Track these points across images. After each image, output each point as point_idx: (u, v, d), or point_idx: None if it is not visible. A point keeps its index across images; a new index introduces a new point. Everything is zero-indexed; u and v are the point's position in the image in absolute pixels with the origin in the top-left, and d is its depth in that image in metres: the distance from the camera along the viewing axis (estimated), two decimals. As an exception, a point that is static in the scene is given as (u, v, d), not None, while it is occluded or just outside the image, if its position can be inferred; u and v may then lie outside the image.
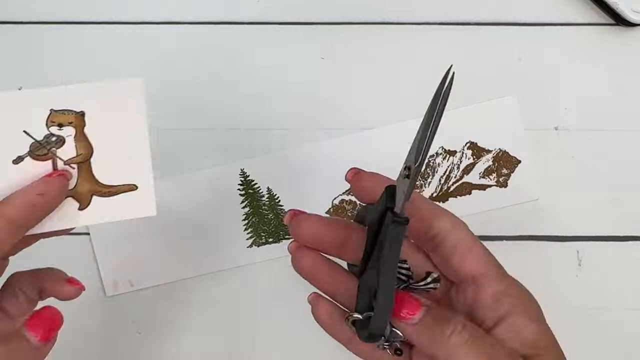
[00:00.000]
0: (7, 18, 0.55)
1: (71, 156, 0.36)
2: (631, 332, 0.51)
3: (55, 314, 0.36)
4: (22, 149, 0.35)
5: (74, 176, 0.36)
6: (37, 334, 0.34)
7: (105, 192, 0.36)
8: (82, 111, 0.36)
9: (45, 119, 0.35)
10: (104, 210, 0.37)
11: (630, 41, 0.54)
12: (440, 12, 0.54)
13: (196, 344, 0.52)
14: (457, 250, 0.35)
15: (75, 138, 0.36)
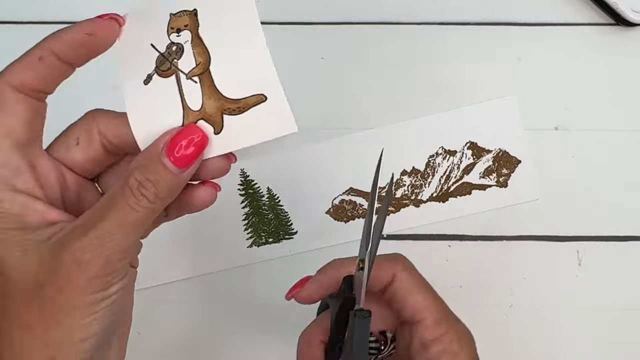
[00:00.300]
0: (7, 18, 0.55)
1: (191, 67, 0.31)
2: (631, 332, 0.51)
3: (195, 131, 0.31)
4: (149, 65, 0.32)
5: (198, 94, 0.32)
6: (176, 160, 0.30)
7: (234, 108, 0.32)
8: (195, 9, 0.31)
9: (167, 26, 0.31)
10: (242, 132, 0.32)
11: (630, 41, 0.54)
12: (440, 12, 0.54)
13: (196, 344, 0.52)
14: (398, 294, 0.36)
15: (192, 43, 0.31)
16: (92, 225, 0.29)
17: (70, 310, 0.29)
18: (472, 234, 0.52)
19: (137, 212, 0.30)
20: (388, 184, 0.31)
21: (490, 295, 0.52)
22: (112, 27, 0.32)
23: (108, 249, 0.29)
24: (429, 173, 0.53)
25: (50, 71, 0.32)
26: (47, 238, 0.30)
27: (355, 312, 0.33)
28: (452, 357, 0.35)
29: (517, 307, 0.52)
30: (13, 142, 0.31)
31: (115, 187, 0.30)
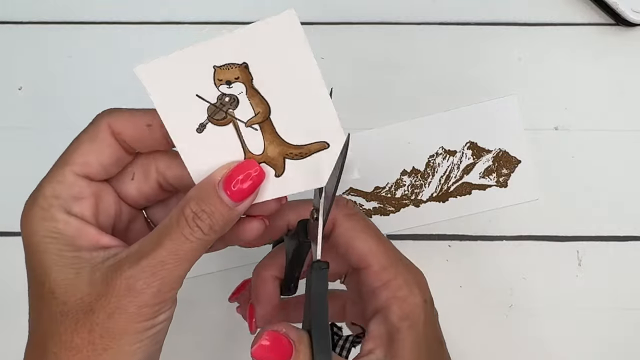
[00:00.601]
0: (7, 18, 0.55)
1: (250, 116, 0.32)
2: (631, 332, 0.51)
3: (252, 166, 0.32)
4: (200, 115, 0.32)
5: (260, 140, 0.32)
6: (232, 194, 0.31)
7: (297, 153, 0.33)
8: (245, 62, 0.31)
9: (212, 78, 0.31)
10: (302, 176, 0.33)
11: (630, 41, 0.54)
12: (440, 12, 0.54)
13: (196, 344, 0.52)
14: (341, 240, 0.36)
15: (247, 95, 0.32)
16: (146, 253, 0.30)
17: (118, 337, 0.29)
18: (472, 234, 0.52)
19: (191, 243, 0.30)
20: (343, 147, 0.31)
21: (490, 295, 0.52)
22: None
23: (160, 278, 0.30)
24: (429, 173, 0.53)
25: (152, 139, 0.33)
26: (101, 262, 0.30)
27: (313, 263, 0.33)
28: (401, 303, 0.34)
29: (517, 307, 0.52)
30: (85, 173, 0.32)
31: (170, 217, 0.31)
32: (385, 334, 0.34)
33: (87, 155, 0.31)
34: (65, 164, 0.31)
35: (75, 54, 0.55)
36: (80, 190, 0.31)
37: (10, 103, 0.55)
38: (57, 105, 0.54)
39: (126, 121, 0.32)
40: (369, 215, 0.52)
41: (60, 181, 0.31)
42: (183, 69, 0.31)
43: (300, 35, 0.31)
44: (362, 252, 0.35)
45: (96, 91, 0.54)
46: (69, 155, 0.32)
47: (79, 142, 0.32)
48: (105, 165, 0.32)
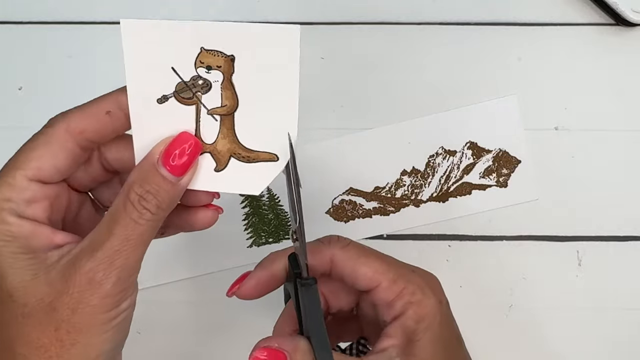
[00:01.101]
0: (7, 18, 0.55)
1: (216, 105, 0.32)
2: (631, 332, 0.51)
3: (187, 139, 0.32)
4: (167, 87, 0.32)
5: (215, 130, 0.32)
6: (172, 169, 0.31)
7: (245, 156, 0.33)
8: (233, 55, 0.31)
9: (195, 58, 0.31)
10: (239, 178, 0.33)
11: (630, 41, 0.54)
12: (441, 12, 0.54)
13: (196, 344, 0.52)
14: (345, 272, 0.36)
15: (222, 85, 0.32)
16: (100, 244, 0.30)
17: (85, 330, 0.30)
18: (472, 234, 0.52)
19: (141, 226, 0.30)
20: (289, 147, 0.32)
21: (490, 295, 0.52)
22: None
23: (118, 267, 0.30)
24: (429, 173, 0.53)
25: (113, 126, 0.32)
26: (56, 260, 0.30)
27: (301, 282, 0.33)
28: (417, 307, 0.35)
29: (517, 307, 0.52)
30: (38, 178, 0.31)
31: (117, 203, 0.31)
32: (401, 336, 0.34)
33: (41, 160, 0.31)
34: (16, 167, 0.31)
35: (75, 54, 0.55)
36: (33, 195, 0.31)
37: (10, 103, 0.55)
38: (57, 105, 0.54)
39: (85, 117, 0.32)
40: (369, 215, 0.52)
41: (12, 184, 0.30)
42: (170, 38, 0.31)
43: (296, 53, 0.31)
44: (368, 274, 0.36)
45: (96, 91, 0.54)
46: (22, 158, 0.31)
47: (33, 145, 0.31)
48: (60, 168, 0.32)
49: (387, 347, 0.34)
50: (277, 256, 0.37)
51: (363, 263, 0.36)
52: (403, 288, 0.35)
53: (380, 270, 0.35)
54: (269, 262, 0.38)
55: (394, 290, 0.35)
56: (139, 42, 0.31)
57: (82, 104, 0.32)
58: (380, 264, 0.36)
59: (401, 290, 0.35)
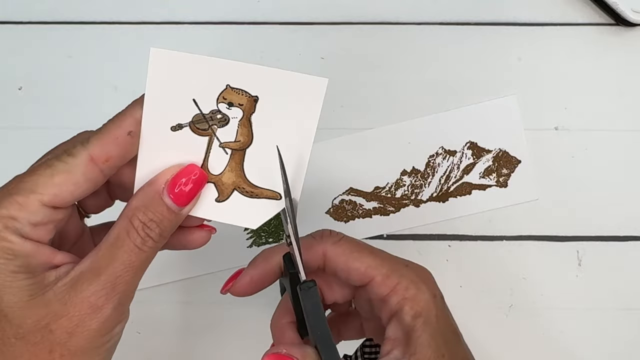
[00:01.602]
0: (7, 18, 0.55)
1: (229, 140, 0.33)
2: (631, 332, 0.51)
3: (193, 170, 0.32)
4: (184, 117, 0.32)
5: (223, 163, 0.33)
6: (176, 199, 0.31)
7: (248, 191, 0.34)
8: (257, 96, 0.32)
9: (218, 93, 0.32)
10: (240, 211, 0.34)
11: (630, 41, 0.54)
12: (440, 12, 0.54)
13: (196, 344, 0.52)
14: (338, 267, 0.36)
15: (239, 122, 0.32)
16: (103, 269, 0.30)
17: (79, 353, 0.30)
18: (472, 234, 0.52)
19: (144, 253, 0.31)
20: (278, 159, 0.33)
21: (490, 295, 0.52)
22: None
23: (119, 292, 0.30)
24: (429, 173, 0.53)
25: (134, 145, 0.32)
26: (53, 281, 0.30)
27: (300, 286, 0.33)
28: (411, 302, 0.35)
29: (517, 307, 0.52)
30: (54, 204, 0.31)
31: (119, 228, 0.31)
32: (401, 335, 0.34)
33: (61, 188, 0.30)
34: (32, 190, 0.30)
35: (75, 54, 0.55)
36: (42, 219, 0.30)
37: (10, 103, 0.55)
38: (57, 105, 0.54)
39: (108, 143, 0.31)
40: (369, 215, 0.52)
41: (22, 205, 0.30)
42: (197, 71, 0.31)
43: (319, 104, 0.32)
44: (361, 268, 0.35)
45: (96, 91, 0.54)
46: (41, 182, 0.30)
47: (54, 171, 0.30)
48: (79, 196, 0.31)
49: (390, 349, 0.34)
50: (271, 253, 0.37)
51: (356, 258, 0.36)
52: (397, 283, 0.35)
53: (373, 265, 0.35)
54: (263, 259, 0.38)
55: (387, 285, 0.35)
56: (165, 71, 0.32)
57: (99, 129, 0.32)
58: (373, 258, 0.36)
59: (395, 285, 0.35)
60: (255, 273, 0.37)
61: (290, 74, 0.32)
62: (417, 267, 0.37)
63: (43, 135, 0.53)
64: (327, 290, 0.38)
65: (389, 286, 0.35)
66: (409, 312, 0.34)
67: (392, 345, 0.34)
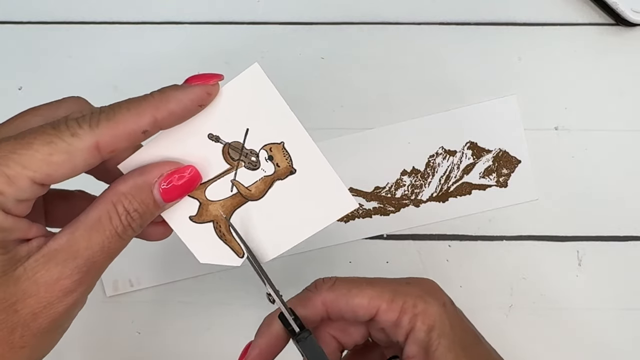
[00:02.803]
0: (7, 18, 0.55)
1: (244, 182, 0.33)
2: (631, 333, 0.51)
3: (187, 168, 0.31)
4: (227, 136, 0.32)
5: (221, 196, 0.33)
6: (165, 193, 0.30)
7: (222, 232, 0.33)
8: (296, 169, 0.33)
9: (270, 142, 0.32)
10: (199, 240, 0.33)
11: (630, 41, 0.54)
12: (440, 12, 0.54)
13: (196, 344, 0.52)
14: (343, 310, 0.36)
15: (264, 177, 0.33)
16: (81, 252, 0.29)
17: (39, 335, 0.29)
18: (472, 234, 0.52)
19: (122, 241, 0.30)
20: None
21: (490, 295, 0.52)
22: (217, 90, 0.32)
23: (91, 277, 0.29)
24: (429, 173, 0.53)
25: (141, 143, 0.31)
26: (24, 256, 0.29)
27: (296, 339, 0.34)
28: (423, 316, 0.34)
29: (517, 307, 0.52)
30: (44, 183, 0.29)
31: (100, 211, 0.30)
32: (418, 351, 0.34)
33: (57, 169, 0.28)
34: (23, 164, 0.28)
35: (75, 54, 0.55)
36: (29, 196, 0.29)
37: (10, 103, 0.55)
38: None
39: (119, 135, 0.29)
40: (369, 215, 0.52)
41: (10, 179, 0.28)
42: (270, 109, 0.32)
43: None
44: (364, 303, 0.35)
45: (96, 91, 0.54)
46: (35, 158, 0.28)
47: (52, 149, 0.28)
48: (70, 176, 0.29)
49: None
50: (273, 318, 0.37)
51: (355, 294, 0.35)
52: (403, 303, 0.35)
53: (375, 295, 0.35)
54: (267, 327, 0.37)
55: (394, 309, 0.35)
56: (248, 87, 0.32)
57: (113, 112, 0.29)
58: (372, 289, 0.35)
59: (401, 306, 0.35)
60: (263, 342, 0.37)
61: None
62: (419, 281, 0.37)
63: (43, 135, 0.53)
64: (343, 337, 0.38)
65: (396, 310, 0.35)
66: (422, 328, 0.34)
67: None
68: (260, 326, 0.37)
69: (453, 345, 0.34)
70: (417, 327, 0.34)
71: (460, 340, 0.35)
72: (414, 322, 0.34)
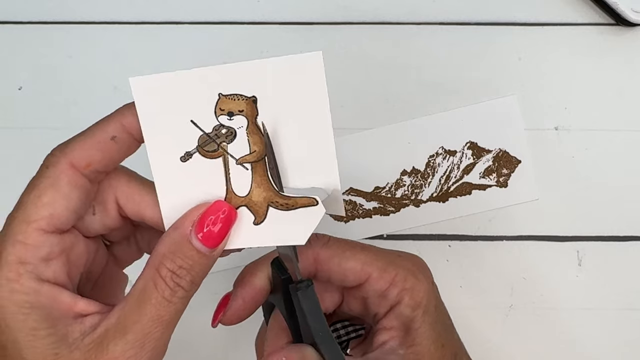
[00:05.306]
0: (7, 18, 0.55)
1: (244, 153, 0.30)
2: (631, 332, 0.51)
3: (221, 207, 0.29)
4: (189, 143, 0.29)
5: (248, 181, 0.30)
6: (206, 240, 0.28)
7: (282, 203, 0.30)
8: (254, 96, 0.29)
9: (214, 106, 0.29)
10: (281, 229, 0.30)
11: (630, 41, 0.54)
12: (440, 12, 0.54)
13: (196, 344, 0.52)
14: (332, 270, 0.34)
15: (247, 130, 0.29)
16: (130, 325, 0.28)
17: None
18: (472, 234, 0.52)
19: (174, 305, 0.28)
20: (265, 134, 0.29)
21: (490, 295, 0.52)
22: None
23: (150, 350, 0.28)
24: (429, 173, 0.53)
25: (120, 152, 0.29)
26: (78, 338, 0.28)
27: (296, 286, 0.31)
28: (411, 292, 0.34)
29: (517, 307, 0.52)
30: (55, 227, 0.28)
31: (146, 278, 0.28)
32: (399, 326, 0.34)
33: (53, 205, 0.28)
34: (26, 220, 0.27)
35: (75, 54, 0.55)
36: (50, 250, 0.28)
37: (10, 103, 0.55)
38: (57, 105, 0.54)
39: (88, 147, 0.28)
40: (369, 215, 0.52)
41: (25, 243, 0.27)
42: (183, 90, 0.29)
43: (322, 80, 0.28)
44: (357, 267, 0.34)
45: (96, 91, 0.54)
46: (30, 209, 0.27)
47: (39, 191, 0.28)
48: (75, 208, 0.29)
49: (386, 339, 0.33)
50: (256, 267, 0.35)
51: (349, 257, 0.34)
52: (395, 275, 0.34)
53: (368, 261, 0.34)
54: (250, 276, 0.35)
55: (385, 279, 0.34)
56: (152, 98, 0.29)
57: (82, 132, 0.29)
58: (366, 254, 0.34)
59: (393, 277, 0.34)
60: (246, 292, 0.35)
61: (280, 59, 0.28)
62: (411, 256, 0.36)
63: (43, 135, 0.53)
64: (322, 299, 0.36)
65: (387, 280, 0.34)
66: (409, 304, 0.34)
67: (388, 336, 0.33)
68: (241, 276, 0.35)
69: (436, 325, 0.34)
70: (404, 302, 0.33)
71: (442, 322, 0.35)
72: (402, 296, 0.34)
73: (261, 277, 0.35)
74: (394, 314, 0.34)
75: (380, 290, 0.34)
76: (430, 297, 0.34)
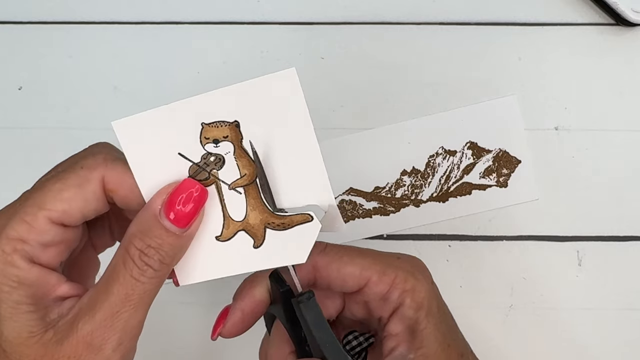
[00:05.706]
0: (7, 18, 0.55)
1: (234, 178, 0.30)
2: (631, 333, 0.51)
3: (193, 185, 0.29)
4: (180, 175, 0.30)
5: (242, 205, 0.30)
6: (177, 219, 0.28)
7: (279, 223, 0.31)
8: (236, 120, 0.29)
9: (199, 136, 0.29)
10: (280, 249, 0.31)
11: (630, 41, 0.54)
12: (440, 12, 0.54)
13: (196, 345, 0.52)
14: (332, 276, 0.34)
15: (234, 155, 0.30)
16: (99, 305, 0.28)
17: None
18: (472, 234, 0.52)
19: (143, 284, 0.29)
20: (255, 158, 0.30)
21: (490, 295, 0.52)
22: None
23: (119, 330, 0.28)
24: (429, 173, 0.53)
25: (140, 201, 0.30)
26: (55, 319, 0.28)
27: (297, 299, 0.32)
28: (413, 294, 0.34)
29: (517, 307, 0.52)
30: (63, 222, 0.29)
31: (116, 258, 0.29)
32: (404, 330, 0.33)
33: (71, 203, 0.28)
34: (39, 206, 0.28)
35: (75, 54, 0.55)
36: (52, 240, 0.28)
37: (10, 103, 0.55)
38: (57, 105, 0.54)
39: (122, 180, 0.29)
40: (369, 215, 0.52)
41: (31, 224, 0.28)
42: (166, 124, 0.29)
43: (299, 95, 0.29)
44: (355, 272, 0.34)
45: (96, 91, 0.54)
46: (49, 197, 0.28)
47: (64, 185, 0.28)
48: (87, 215, 0.29)
49: (394, 346, 0.33)
50: (254, 279, 0.35)
51: (347, 262, 0.34)
52: (394, 277, 0.34)
53: (367, 265, 0.34)
54: (249, 288, 0.35)
55: (385, 281, 0.34)
56: (137, 138, 0.29)
57: (119, 157, 0.30)
58: (364, 259, 0.34)
59: (392, 280, 0.34)
60: (246, 305, 0.35)
61: (255, 81, 0.29)
62: (409, 258, 0.36)
63: (43, 135, 0.53)
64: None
65: (387, 282, 0.34)
66: (412, 305, 0.33)
67: (396, 342, 0.33)
68: (240, 288, 0.36)
69: (440, 326, 0.34)
70: (406, 304, 0.33)
71: (446, 321, 0.35)
72: (404, 298, 0.33)
73: (260, 289, 0.35)
74: (397, 317, 0.34)
75: (381, 293, 0.34)
76: (431, 297, 0.34)
